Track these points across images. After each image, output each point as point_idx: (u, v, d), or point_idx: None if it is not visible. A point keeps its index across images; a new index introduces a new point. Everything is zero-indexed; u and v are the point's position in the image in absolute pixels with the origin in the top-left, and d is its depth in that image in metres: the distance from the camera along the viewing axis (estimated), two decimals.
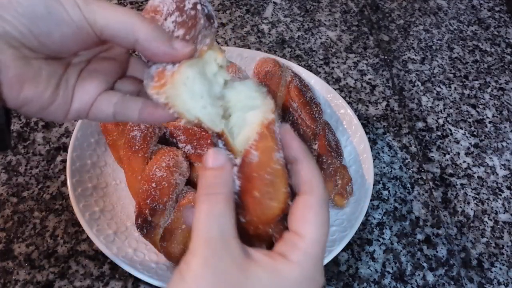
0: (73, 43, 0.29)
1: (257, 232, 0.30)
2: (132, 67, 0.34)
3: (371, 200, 0.59)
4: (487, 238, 0.60)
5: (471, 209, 0.63)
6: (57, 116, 0.31)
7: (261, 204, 0.29)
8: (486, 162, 0.68)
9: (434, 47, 0.83)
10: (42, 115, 0.30)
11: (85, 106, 0.31)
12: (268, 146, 0.29)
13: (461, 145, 0.70)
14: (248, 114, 0.30)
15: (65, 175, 0.55)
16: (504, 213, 0.63)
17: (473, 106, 0.75)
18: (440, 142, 0.70)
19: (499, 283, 0.57)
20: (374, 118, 0.71)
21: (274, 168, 0.29)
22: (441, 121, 0.72)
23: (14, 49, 0.27)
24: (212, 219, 0.27)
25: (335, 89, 0.67)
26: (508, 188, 0.66)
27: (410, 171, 0.65)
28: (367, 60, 0.79)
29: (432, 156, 0.68)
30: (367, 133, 0.67)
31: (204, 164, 0.30)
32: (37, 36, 0.27)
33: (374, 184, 0.61)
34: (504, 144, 0.71)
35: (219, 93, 0.31)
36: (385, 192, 0.63)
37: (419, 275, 0.56)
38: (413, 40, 0.83)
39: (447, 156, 0.68)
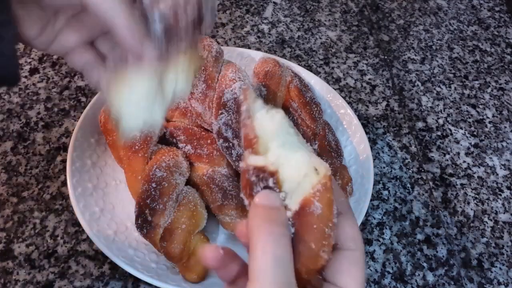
0: (63, 3, 0.32)
1: (299, 279, 0.29)
2: None
3: (371, 200, 0.59)
4: (487, 238, 0.60)
5: (471, 209, 0.63)
6: (38, 48, 0.34)
7: (315, 255, 0.28)
8: (486, 162, 0.68)
9: (434, 47, 0.83)
10: (27, 43, 0.33)
11: (62, 50, 0.35)
12: (331, 200, 0.28)
13: (461, 145, 0.70)
14: (294, 154, 0.29)
15: (65, 175, 0.55)
16: (504, 213, 0.63)
17: (473, 106, 0.75)
18: (440, 142, 0.70)
19: (499, 283, 0.57)
20: (374, 118, 0.71)
21: (333, 223, 0.28)
22: (441, 121, 0.72)
23: None
24: (278, 263, 0.26)
25: (335, 89, 0.67)
26: (508, 188, 0.66)
27: (410, 171, 0.65)
28: (367, 60, 0.79)
29: (432, 156, 0.68)
30: (367, 133, 0.67)
31: (258, 202, 0.28)
32: None
33: (374, 184, 0.61)
34: (504, 144, 0.71)
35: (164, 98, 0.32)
36: (385, 192, 0.63)
37: (419, 275, 0.56)
38: (413, 40, 0.83)
39: (447, 156, 0.68)
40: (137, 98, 0.30)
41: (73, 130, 0.58)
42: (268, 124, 0.29)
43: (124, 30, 0.30)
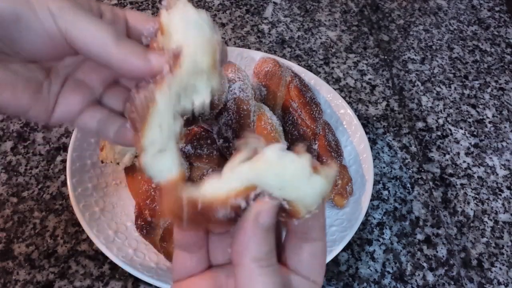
0: (46, 51, 0.28)
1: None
2: None
3: (371, 200, 0.59)
4: (487, 238, 0.60)
5: (471, 209, 0.63)
6: (38, 119, 0.30)
7: None
8: (486, 162, 0.68)
9: (434, 47, 0.83)
10: (21, 117, 0.29)
11: (67, 117, 0.30)
12: None
13: (461, 145, 0.70)
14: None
15: (65, 175, 0.55)
16: (504, 213, 0.63)
17: (473, 106, 0.75)
18: (440, 142, 0.70)
19: (499, 283, 0.57)
20: (374, 118, 0.71)
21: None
22: (441, 121, 0.72)
23: None
24: None
25: (335, 89, 0.67)
26: (508, 188, 0.66)
27: (410, 171, 0.65)
28: (367, 60, 0.79)
29: (432, 156, 0.68)
30: (367, 133, 0.67)
31: (260, 216, 0.25)
32: (5, 41, 0.26)
33: (374, 184, 0.61)
34: (504, 144, 0.71)
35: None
36: (385, 192, 0.63)
37: (419, 275, 0.56)
38: (413, 40, 0.83)
39: (447, 156, 0.68)
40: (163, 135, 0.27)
41: (73, 130, 0.58)
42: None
43: (122, 56, 0.26)
